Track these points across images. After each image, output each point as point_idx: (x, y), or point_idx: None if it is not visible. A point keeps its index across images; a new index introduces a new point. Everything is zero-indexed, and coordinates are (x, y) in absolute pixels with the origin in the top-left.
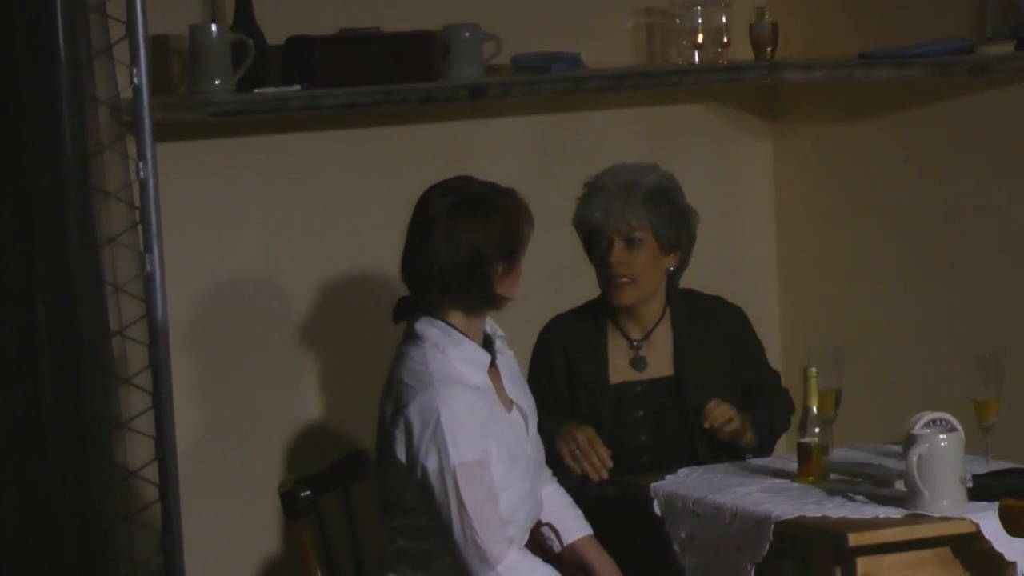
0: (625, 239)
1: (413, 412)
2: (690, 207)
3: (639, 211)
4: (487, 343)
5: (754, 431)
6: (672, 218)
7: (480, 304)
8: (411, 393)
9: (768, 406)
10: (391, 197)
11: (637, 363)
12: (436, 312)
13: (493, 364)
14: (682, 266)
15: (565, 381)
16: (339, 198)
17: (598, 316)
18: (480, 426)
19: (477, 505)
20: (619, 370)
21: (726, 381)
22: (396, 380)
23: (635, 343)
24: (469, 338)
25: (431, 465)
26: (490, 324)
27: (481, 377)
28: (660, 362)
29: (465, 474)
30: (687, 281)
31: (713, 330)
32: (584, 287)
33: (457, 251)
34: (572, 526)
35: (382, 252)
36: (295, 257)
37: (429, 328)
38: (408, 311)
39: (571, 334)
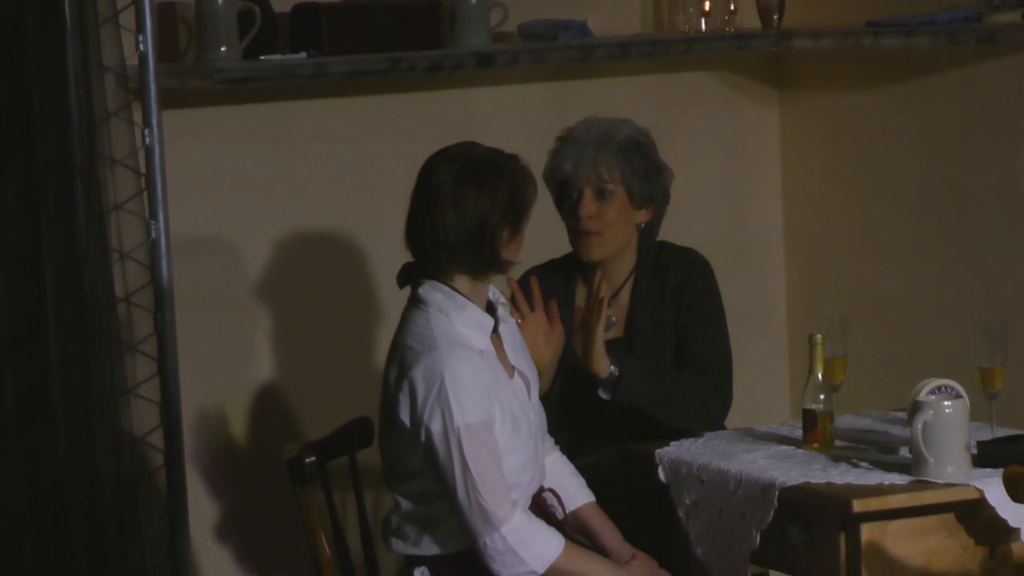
0: (596, 190)
1: (417, 375)
2: (664, 163)
3: (611, 162)
4: (490, 310)
5: (614, 367)
6: (645, 172)
7: (486, 269)
8: (415, 356)
9: (678, 377)
10: (398, 165)
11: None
12: (441, 277)
13: (496, 331)
14: (655, 223)
15: None
16: (346, 166)
17: (569, 272)
18: (484, 388)
19: (481, 467)
20: None
21: (672, 338)
22: (400, 344)
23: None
24: (473, 303)
25: (435, 427)
26: (493, 291)
27: (484, 342)
28: (623, 322)
29: (469, 435)
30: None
31: (671, 281)
32: None
33: (464, 217)
34: (575, 493)
35: (389, 219)
36: (301, 224)
37: (433, 293)
38: (412, 276)
39: (542, 288)
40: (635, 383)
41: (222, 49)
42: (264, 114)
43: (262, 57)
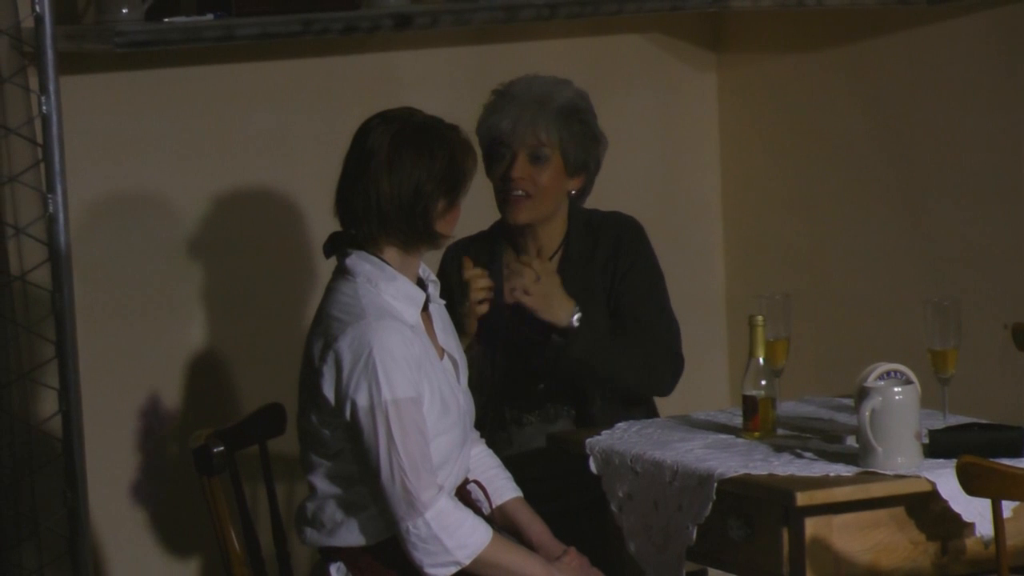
0: (531, 154)
1: (344, 346)
2: (601, 131)
3: (550, 126)
4: (420, 287)
5: (576, 316)
6: (583, 139)
7: (418, 240)
8: (342, 327)
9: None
10: (311, 134)
11: None
12: (370, 247)
13: (426, 309)
14: (585, 191)
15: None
16: (256, 135)
17: (495, 241)
18: (415, 363)
19: (409, 445)
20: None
21: (605, 307)
22: (325, 315)
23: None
24: (403, 276)
25: (361, 401)
26: (424, 269)
27: (415, 316)
28: None
29: (397, 411)
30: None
31: (602, 247)
32: None
33: (398, 184)
34: (502, 487)
35: (301, 190)
36: (209, 197)
37: (362, 263)
38: (339, 246)
39: (468, 255)
40: (591, 333)
41: (123, 11)
42: (168, 80)
43: (166, 19)
